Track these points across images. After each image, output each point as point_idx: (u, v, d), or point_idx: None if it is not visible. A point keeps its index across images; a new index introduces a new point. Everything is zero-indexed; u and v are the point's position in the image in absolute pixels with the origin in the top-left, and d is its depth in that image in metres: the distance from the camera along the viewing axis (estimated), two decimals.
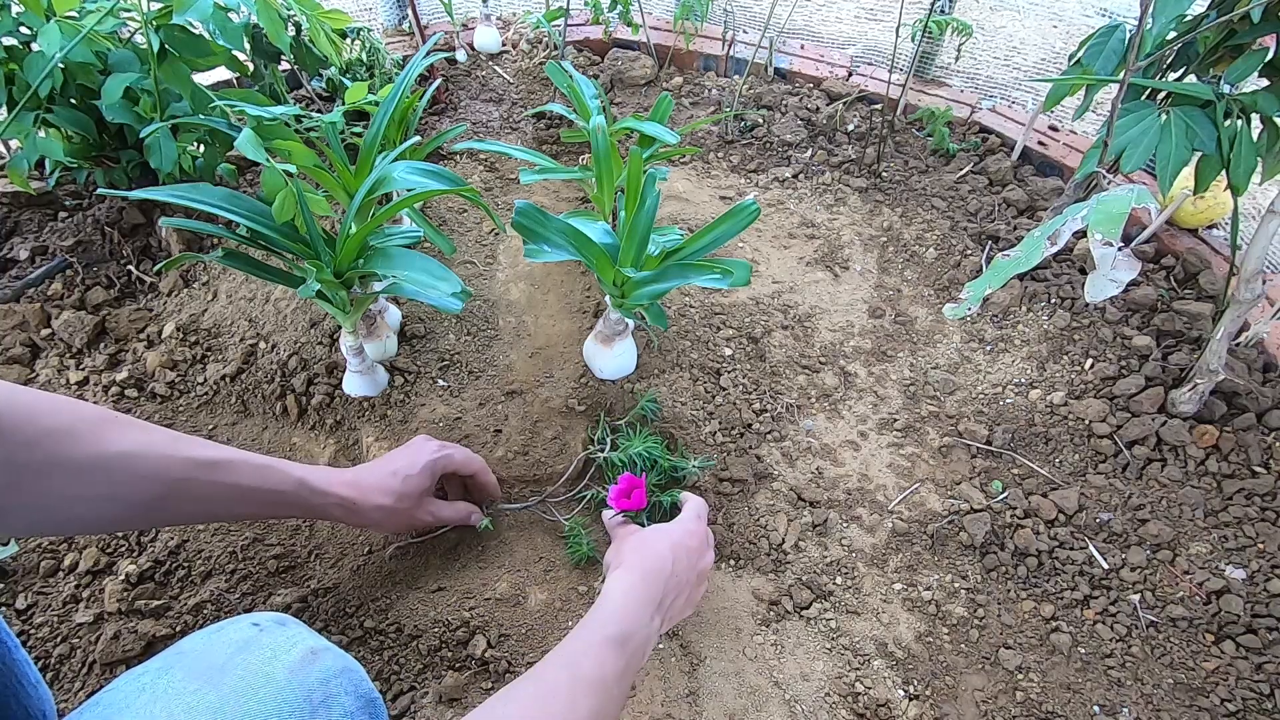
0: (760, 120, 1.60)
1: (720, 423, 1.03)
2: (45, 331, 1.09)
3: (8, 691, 0.56)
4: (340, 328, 0.95)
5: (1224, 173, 0.97)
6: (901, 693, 0.82)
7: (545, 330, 1.14)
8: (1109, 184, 1.07)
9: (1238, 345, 1.10)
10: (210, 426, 1.03)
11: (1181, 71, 1.07)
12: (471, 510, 0.88)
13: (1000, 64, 1.82)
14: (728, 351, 1.13)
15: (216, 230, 0.83)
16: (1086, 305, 1.19)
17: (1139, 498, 0.96)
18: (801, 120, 1.60)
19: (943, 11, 1.63)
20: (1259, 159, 0.96)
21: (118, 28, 1.07)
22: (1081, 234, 1.17)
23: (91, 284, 1.16)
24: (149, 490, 0.61)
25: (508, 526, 0.93)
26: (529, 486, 0.97)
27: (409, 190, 0.86)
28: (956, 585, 0.91)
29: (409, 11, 1.68)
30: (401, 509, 0.78)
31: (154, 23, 1.00)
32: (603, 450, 0.95)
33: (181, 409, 1.03)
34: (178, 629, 0.81)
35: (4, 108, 1.04)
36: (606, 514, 0.86)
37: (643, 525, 0.82)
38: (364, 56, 1.46)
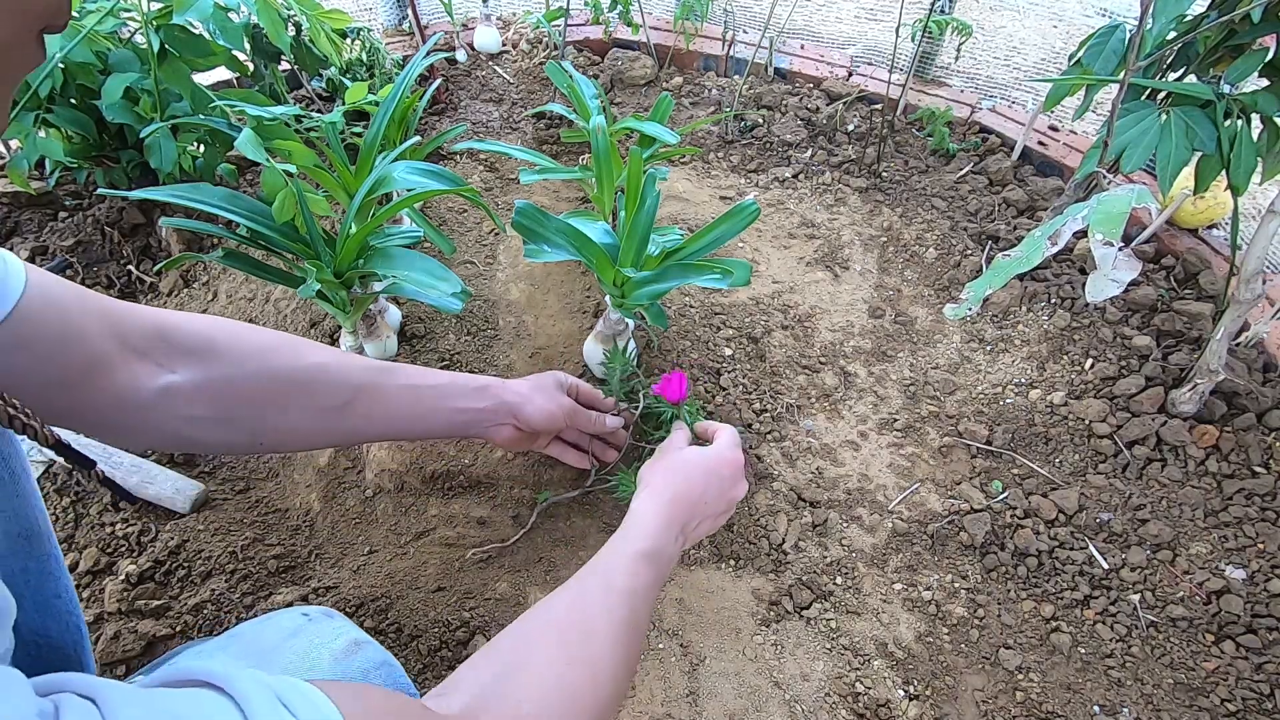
0: (760, 120, 1.60)
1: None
2: None
3: (74, 660, 0.58)
4: (340, 328, 0.95)
5: (1224, 173, 0.97)
6: (901, 693, 0.82)
7: (545, 330, 1.14)
8: (1109, 184, 1.07)
9: (1238, 345, 1.10)
10: None
11: (1181, 71, 1.07)
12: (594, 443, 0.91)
13: (1000, 64, 1.82)
14: (728, 351, 1.13)
15: (216, 230, 0.83)
16: (1086, 305, 1.19)
17: (1139, 498, 0.96)
18: (801, 120, 1.60)
19: (943, 11, 1.63)
20: (1259, 159, 0.96)
21: (118, 28, 1.07)
22: (1082, 234, 1.17)
23: (92, 284, 1.16)
24: (339, 396, 0.65)
25: (506, 526, 0.93)
26: (529, 488, 0.97)
27: (409, 190, 0.86)
28: (956, 585, 0.91)
29: (409, 11, 1.68)
30: (544, 384, 0.81)
31: (154, 23, 1.00)
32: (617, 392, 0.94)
33: None
34: (178, 629, 0.81)
35: None
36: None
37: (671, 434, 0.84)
38: (364, 56, 1.46)
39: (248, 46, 1.15)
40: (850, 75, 1.74)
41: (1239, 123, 0.95)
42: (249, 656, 0.52)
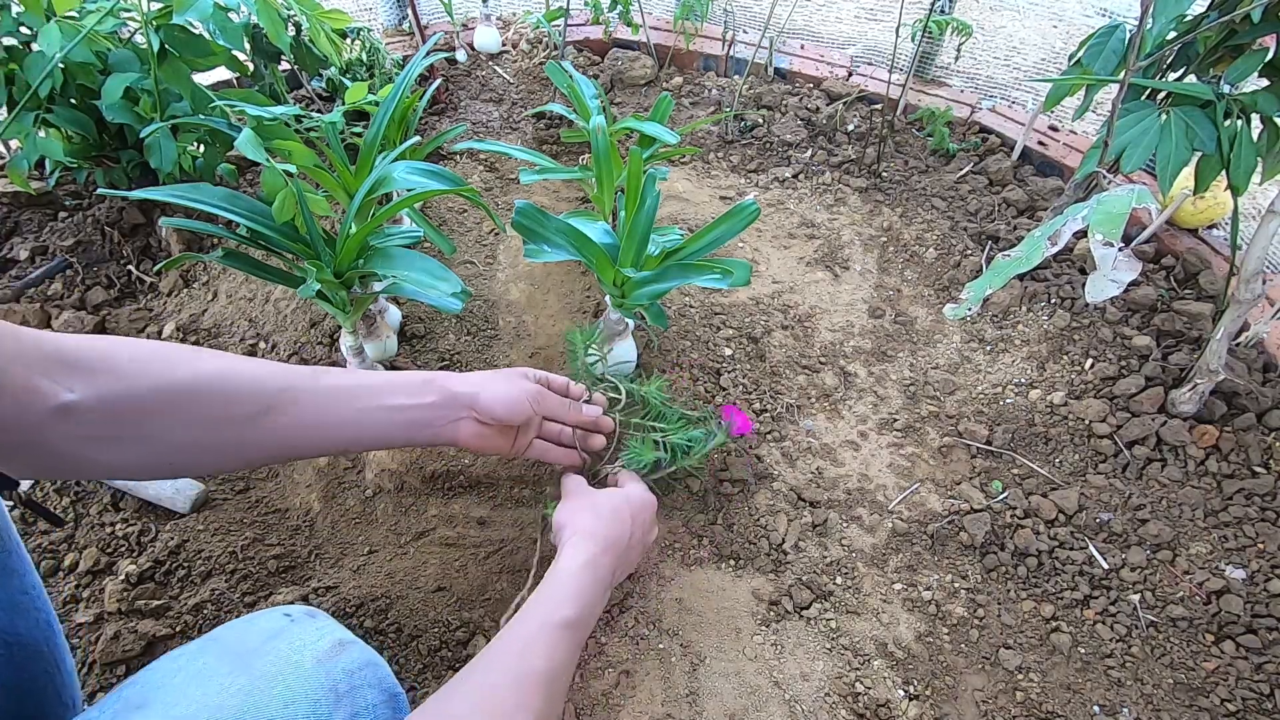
0: (760, 120, 1.60)
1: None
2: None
3: (46, 676, 0.57)
4: (340, 328, 0.95)
5: (1224, 173, 0.97)
6: (901, 693, 0.82)
7: (545, 330, 1.14)
8: (1109, 184, 1.07)
9: (1238, 345, 1.10)
10: None
11: (1181, 71, 1.07)
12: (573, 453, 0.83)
13: (1000, 64, 1.82)
14: (728, 351, 1.13)
15: (216, 230, 0.83)
16: (1086, 305, 1.19)
17: (1139, 498, 0.96)
18: (801, 120, 1.60)
19: (943, 11, 1.63)
20: (1259, 159, 0.96)
21: (118, 28, 1.07)
22: (1082, 234, 1.17)
23: (91, 284, 1.16)
24: (254, 403, 0.59)
25: (506, 526, 0.93)
26: (528, 487, 0.97)
27: (409, 190, 0.86)
28: (956, 585, 0.91)
29: (409, 11, 1.68)
30: (523, 396, 0.72)
31: (154, 23, 1.00)
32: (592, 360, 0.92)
33: None
34: (178, 629, 0.81)
35: (4, 108, 1.04)
36: (565, 476, 0.83)
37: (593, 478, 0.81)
38: (364, 56, 1.46)
39: (248, 46, 1.15)
40: (850, 75, 1.74)
41: (1239, 123, 0.95)
42: (228, 660, 0.50)
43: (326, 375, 0.64)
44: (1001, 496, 0.98)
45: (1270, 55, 0.94)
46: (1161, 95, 1.00)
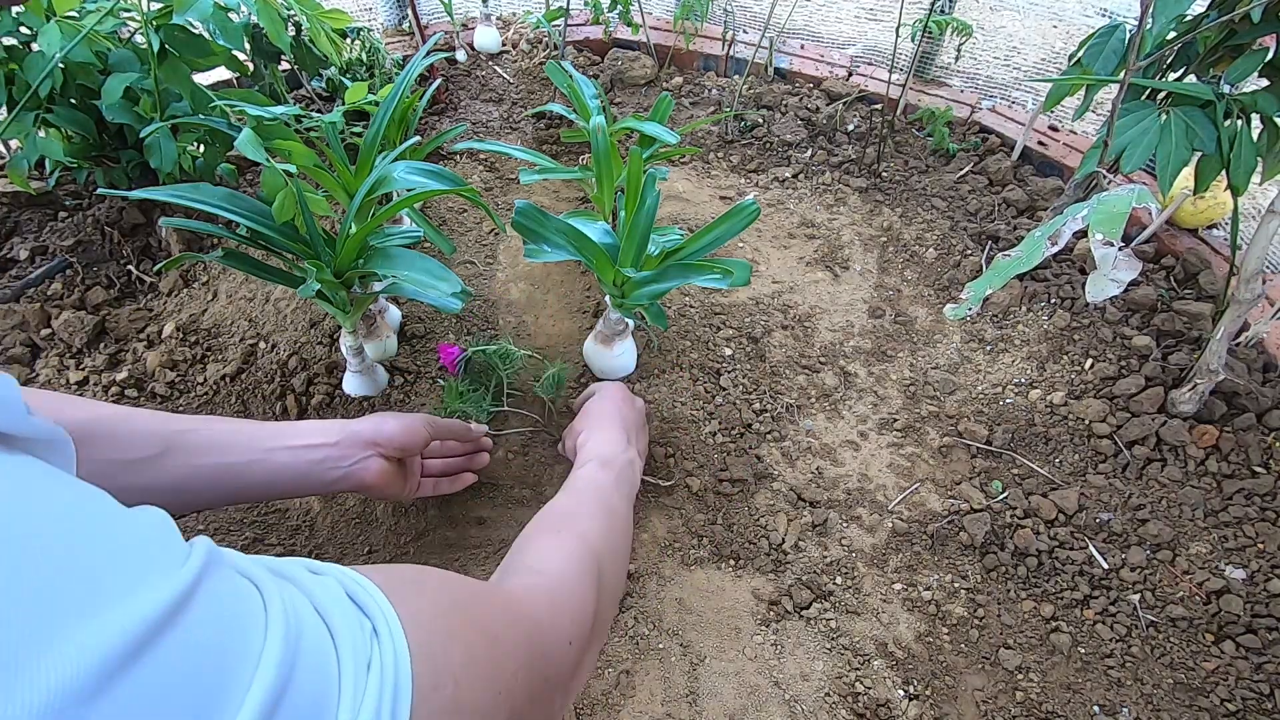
0: (760, 120, 1.60)
1: (720, 423, 1.03)
2: (45, 331, 1.09)
3: None
4: (340, 328, 0.95)
5: (1224, 173, 0.97)
6: (901, 693, 0.82)
7: (545, 330, 1.14)
8: (1109, 184, 1.07)
9: (1238, 345, 1.10)
10: None
11: (1181, 71, 1.07)
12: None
13: (1000, 64, 1.82)
14: (728, 351, 1.13)
15: (216, 230, 0.83)
16: (1086, 305, 1.18)
17: (1139, 498, 0.96)
18: (801, 120, 1.60)
19: (943, 11, 1.63)
20: (1259, 159, 0.96)
21: (118, 28, 1.07)
22: (1082, 234, 1.17)
23: (91, 284, 1.16)
24: (149, 445, 0.59)
25: (506, 526, 0.93)
26: (528, 488, 0.97)
27: (409, 190, 0.86)
28: (956, 585, 0.91)
29: (409, 11, 1.68)
30: (418, 423, 0.76)
31: (154, 23, 1.00)
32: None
33: (181, 409, 1.03)
34: None
35: (4, 108, 1.04)
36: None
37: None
38: (364, 56, 1.46)
39: (248, 46, 1.15)
40: (850, 75, 1.74)
41: (1239, 123, 0.95)
42: None
43: (228, 421, 0.65)
44: (1001, 496, 0.98)
45: (1270, 55, 0.94)
46: (1161, 95, 1.00)
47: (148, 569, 0.25)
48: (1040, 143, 1.51)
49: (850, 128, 1.59)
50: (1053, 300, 1.21)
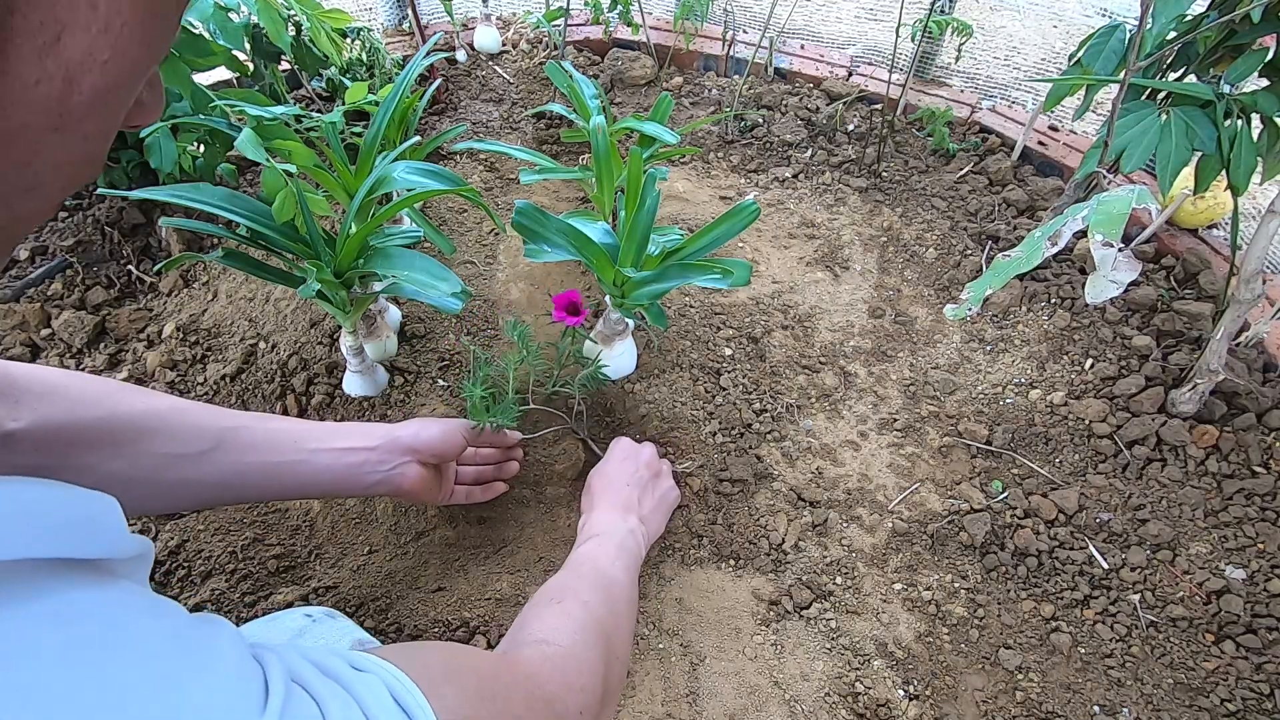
0: (760, 120, 1.60)
1: (720, 423, 1.03)
2: (45, 331, 1.09)
3: None
4: (340, 328, 0.95)
5: (1224, 173, 0.97)
6: (901, 693, 0.82)
7: (545, 330, 1.14)
8: (1109, 184, 1.07)
9: (1238, 345, 1.10)
10: None
11: (1181, 71, 1.07)
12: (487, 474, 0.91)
13: (1000, 64, 1.82)
14: (728, 351, 1.13)
15: (216, 230, 0.83)
16: (1086, 305, 1.18)
17: (1139, 498, 0.96)
18: (801, 120, 1.60)
19: (943, 11, 1.63)
20: (1259, 159, 0.96)
21: None
22: (1082, 234, 1.17)
23: (91, 284, 1.16)
24: (198, 441, 0.60)
25: (506, 526, 0.93)
26: (528, 488, 0.97)
27: (409, 190, 0.86)
28: (956, 585, 0.91)
29: (409, 11, 1.68)
30: (455, 429, 0.77)
31: None
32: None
33: None
34: None
35: None
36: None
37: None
38: (364, 56, 1.46)
39: (248, 46, 1.15)
40: (850, 75, 1.74)
41: (1239, 123, 0.95)
42: None
43: (274, 419, 0.66)
44: (1001, 496, 0.98)
45: (1270, 55, 0.94)
46: (1161, 95, 1.00)
47: (236, 717, 0.27)
48: (1040, 143, 1.51)
49: (850, 128, 1.59)
50: (1053, 300, 1.21)
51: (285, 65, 1.33)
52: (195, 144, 1.13)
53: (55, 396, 0.53)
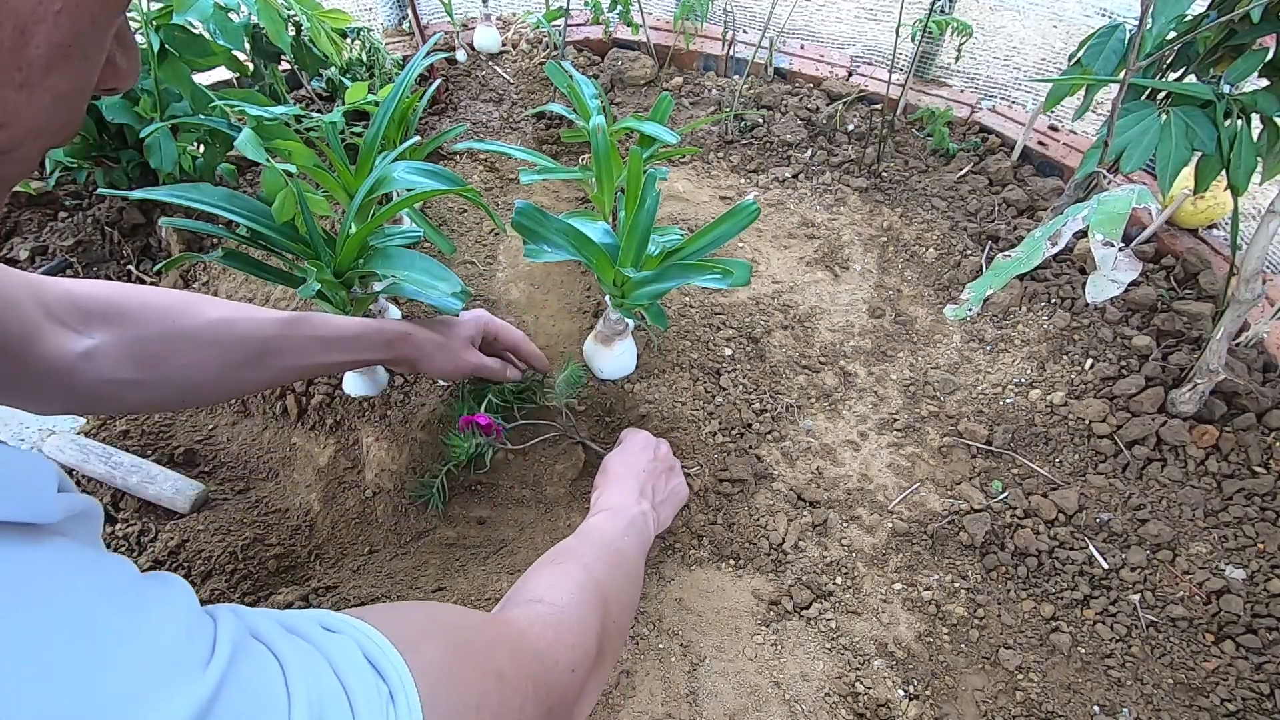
0: (760, 120, 1.60)
1: (720, 423, 1.03)
2: None
3: None
4: None
5: (1224, 173, 0.97)
6: (901, 693, 0.82)
7: (545, 330, 1.14)
8: (1109, 184, 1.07)
9: (1238, 345, 1.09)
10: (210, 427, 1.03)
11: (1181, 71, 1.07)
12: (508, 366, 0.96)
13: (1000, 64, 1.82)
14: (728, 351, 1.13)
15: (216, 230, 0.83)
16: (1086, 305, 1.18)
17: (1139, 498, 0.96)
18: (801, 120, 1.60)
19: (943, 11, 1.63)
20: (1259, 159, 0.96)
21: None
22: (1082, 234, 1.17)
23: None
24: (247, 350, 0.69)
25: (506, 526, 0.93)
26: (529, 488, 0.97)
27: (409, 190, 0.86)
28: (956, 585, 0.91)
29: (409, 11, 1.68)
30: (451, 345, 0.86)
31: (154, 23, 1.00)
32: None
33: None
34: None
35: None
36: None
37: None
38: (364, 56, 1.46)
39: (248, 46, 1.15)
40: (850, 75, 1.74)
41: (1239, 123, 0.95)
42: None
43: (307, 324, 0.74)
44: (1001, 496, 0.98)
45: (1270, 55, 0.93)
46: (1161, 95, 1.00)
47: (175, 674, 0.26)
48: (1040, 143, 1.51)
49: (850, 128, 1.59)
50: (1053, 300, 1.21)
51: (285, 65, 1.33)
52: (195, 144, 1.13)
53: (121, 316, 0.61)
